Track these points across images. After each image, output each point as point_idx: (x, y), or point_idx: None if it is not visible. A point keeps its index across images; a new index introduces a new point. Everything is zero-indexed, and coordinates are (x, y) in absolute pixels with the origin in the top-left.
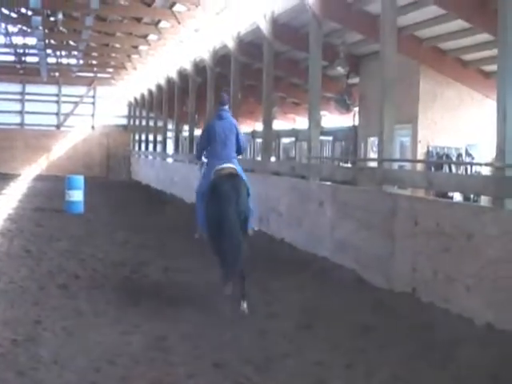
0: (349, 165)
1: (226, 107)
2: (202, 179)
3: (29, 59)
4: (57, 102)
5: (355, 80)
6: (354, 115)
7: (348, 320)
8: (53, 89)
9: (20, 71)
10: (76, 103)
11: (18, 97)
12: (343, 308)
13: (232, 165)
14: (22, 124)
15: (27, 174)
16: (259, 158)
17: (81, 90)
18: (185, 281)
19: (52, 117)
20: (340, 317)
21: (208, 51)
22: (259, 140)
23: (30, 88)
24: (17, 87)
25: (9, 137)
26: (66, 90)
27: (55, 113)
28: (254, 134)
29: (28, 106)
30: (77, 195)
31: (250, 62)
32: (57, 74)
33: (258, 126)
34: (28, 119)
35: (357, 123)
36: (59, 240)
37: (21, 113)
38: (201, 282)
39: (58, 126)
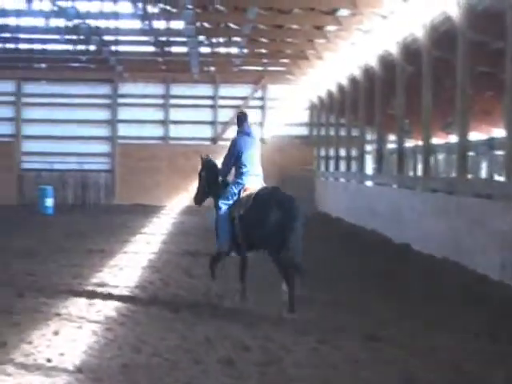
0: None
1: (249, 123)
2: (225, 197)
3: (174, 50)
4: (212, 106)
5: None
6: None
7: None
8: (207, 89)
9: (162, 67)
10: (238, 108)
11: (160, 101)
12: None
13: (261, 181)
14: (165, 137)
15: (174, 206)
16: (500, 178)
17: (245, 89)
18: (394, 355)
19: (206, 127)
20: None
21: (422, 26)
22: (500, 152)
23: (176, 89)
24: (159, 88)
25: (150, 155)
26: (224, 90)
27: (210, 121)
28: (491, 143)
29: (174, 114)
30: None
31: (485, 40)
32: (212, 68)
33: (499, 132)
34: (174, 131)
35: None
36: (218, 295)
37: (164, 123)
38: (419, 361)
39: (214, 140)
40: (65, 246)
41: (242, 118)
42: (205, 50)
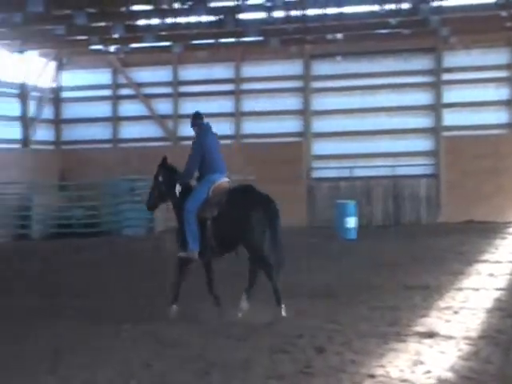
0: None
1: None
2: (193, 195)
3: None
4: None
5: None
6: None
7: None
8: None
9: (507, 24)
10: None
11: (504, 73)
12: None
13: (227, 178)
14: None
15: None
16: None
17: None
18: None
19: None
20: None
21: None
22: None
23: None
24: (500, 56)
25: (491, 151)
26: None
27: None
28: None
29: None
30: None
31: None
32: None
33: None
34: None
35: None
36: None
37: (510, 103)
38: None
39: None
40: (374, 281)
41: (196, 118)
42: None
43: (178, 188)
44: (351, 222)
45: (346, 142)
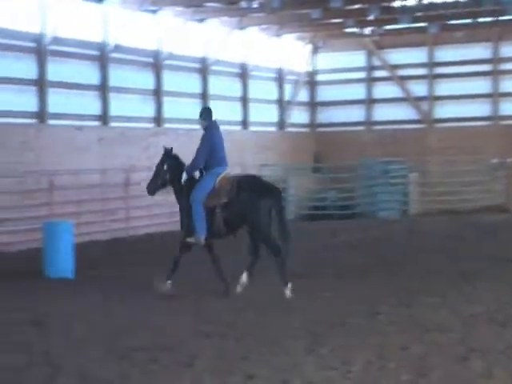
0: None
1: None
2: (200, 185)
3: None
4: None
5: None
6: None
7: None
8: None
9: None
10: None
11: None
12: None
13: (229, 171)
14: None
15: None
16: None
17: None
18: None
19: None
20: None
21: None
22: None
23: None
24: None
25: None
26: None
27: None
28: None
29: None
30: None
31: None
32: None
33: None
34: None
35: None
36: None
37: None
38: None
39: None
40: None
41: (207, 112)
42: None
43: (184, 176)
44: None
45: None
